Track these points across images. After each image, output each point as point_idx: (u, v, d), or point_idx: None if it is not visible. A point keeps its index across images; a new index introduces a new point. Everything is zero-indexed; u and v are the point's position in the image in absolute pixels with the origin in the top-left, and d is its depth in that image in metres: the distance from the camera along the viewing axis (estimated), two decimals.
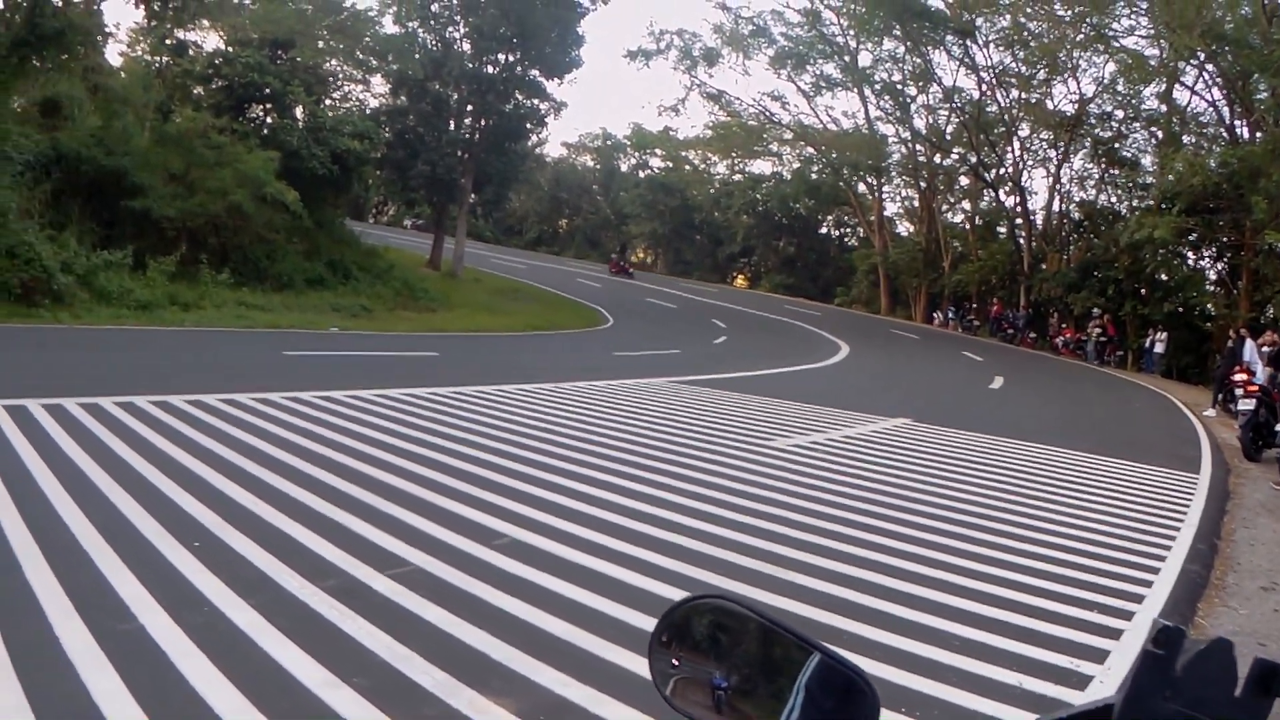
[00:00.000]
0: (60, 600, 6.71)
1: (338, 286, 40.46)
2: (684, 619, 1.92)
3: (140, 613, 6.66)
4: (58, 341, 23.29)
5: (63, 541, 8.05)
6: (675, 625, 1.91)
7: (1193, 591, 10.48)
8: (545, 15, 54.52)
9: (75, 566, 7.43)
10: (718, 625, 1.88)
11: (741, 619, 1.82)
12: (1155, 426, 29.66)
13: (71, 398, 14.48)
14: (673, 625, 1.91)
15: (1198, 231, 53.58)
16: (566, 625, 7.17)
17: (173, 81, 41.31)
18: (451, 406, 17.42)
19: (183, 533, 8.54)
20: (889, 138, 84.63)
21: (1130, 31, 59.68)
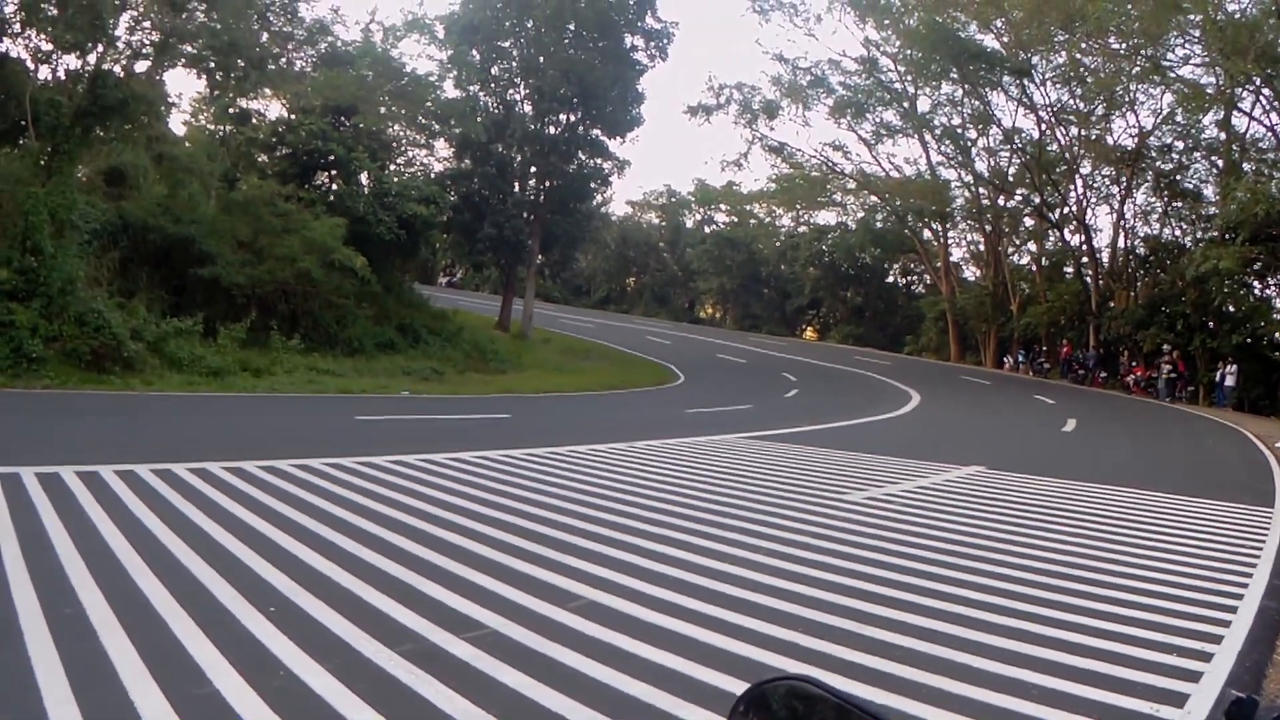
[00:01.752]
0: (136, 665, 6.72)
1: (408, 350, 40.71)
2: (763, 697, 1.89)
3: (216, 677, 6.65)
4: (129, 408, 23.58)
5: (138, 606, 8.06)
6: (754, 702, 1.90)
7: (1271, 629, 10.28)
8: (604, 74, 54.96)
9: (151, 631, 7.43)
10: (796, 706, 1.86)
11: (819, 701, 1.81)
12: (1228, 462, 29.35)
13: (144, 464, 14.61)
14: (752, 702, 1.90)
15: (1263, 260, 53.11)
16: (644, 686, 7.11)
17: (237, 150, 41.80)
18: (523, 468, 17.38)
19: (258, 597, 8.55)
20: (951, 182, 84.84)
21: (1185, 61, 59.33)
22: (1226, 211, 53.23)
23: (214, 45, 37.99)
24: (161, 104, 38.79)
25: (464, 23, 54.64)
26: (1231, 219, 51.10)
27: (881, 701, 6.99)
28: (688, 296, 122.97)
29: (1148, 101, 69.00)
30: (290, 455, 16.46)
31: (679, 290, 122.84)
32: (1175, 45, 58.33)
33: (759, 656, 7.96)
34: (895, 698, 7.21)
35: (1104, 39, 60.57)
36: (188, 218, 34.87)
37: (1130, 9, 54.19)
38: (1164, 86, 63.23)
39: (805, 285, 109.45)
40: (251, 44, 40.17)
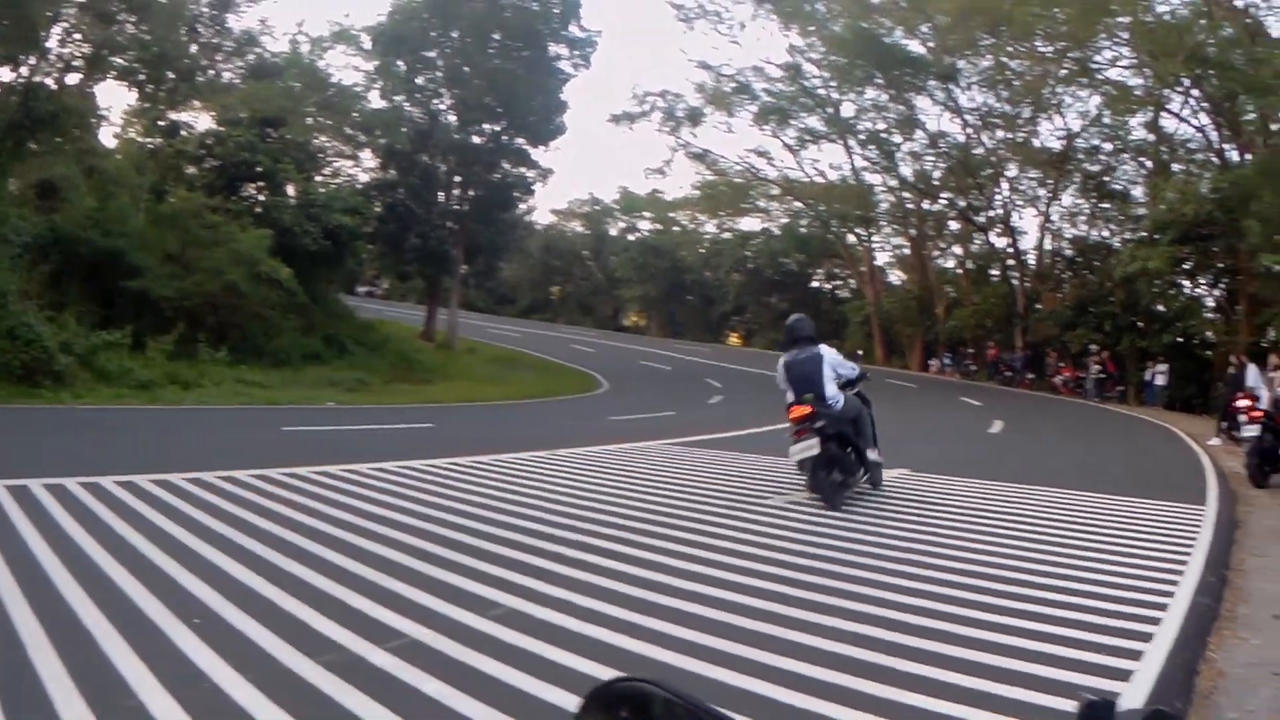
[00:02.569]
0: (63, 679, 6.83)
1: (334, 361, 40.88)
2: (605, 699, 1.87)
3: (141, 690, 6.76)
4: (59, 422, 23.59)
5: (65, 620, 8.17)
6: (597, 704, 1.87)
7: (1203, 625, 10.42)
8: (528, 83, 55.28)
9: (77, 645, 7.54)
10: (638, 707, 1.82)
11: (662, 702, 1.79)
12: (1159, 460, 29.67)
13: (73, 477, 14.67)
14: (595, 704, 1.88)
15: (1192, 260, 54.00)
16: (565, 694, 7.16)
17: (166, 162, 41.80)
18: (447, 478, 17.51)
19: (183, 610, 8.65)
20: (876, 187, 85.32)
21: (1113, 63, 60.24)
22: (1155, 212, 54.04)
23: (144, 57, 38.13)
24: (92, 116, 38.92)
25: (390, 33, 54.77)
26: (1161, 219, 51.76)
27: (803, 706, 7.22)
28: (612, 304, 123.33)
29: (1075, 104, 69.76)
30: (217, 468, 16.55)
31: (603, 298, 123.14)
32: (1103, 48, 59.12)
33: (679, 663, 8.09)
34: (816, 701, 7.35)
35: (1030, 42, 61.24)
36: (118, 230, 34.92)
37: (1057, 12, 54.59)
38: (1091, 89, 64.20)
39: (729, 291, 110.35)
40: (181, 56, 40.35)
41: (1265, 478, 23.13)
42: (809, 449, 16.46)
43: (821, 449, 16.46)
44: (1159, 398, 53.51)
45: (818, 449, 16.43)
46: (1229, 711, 7.92)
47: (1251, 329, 49.31)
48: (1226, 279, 56.11)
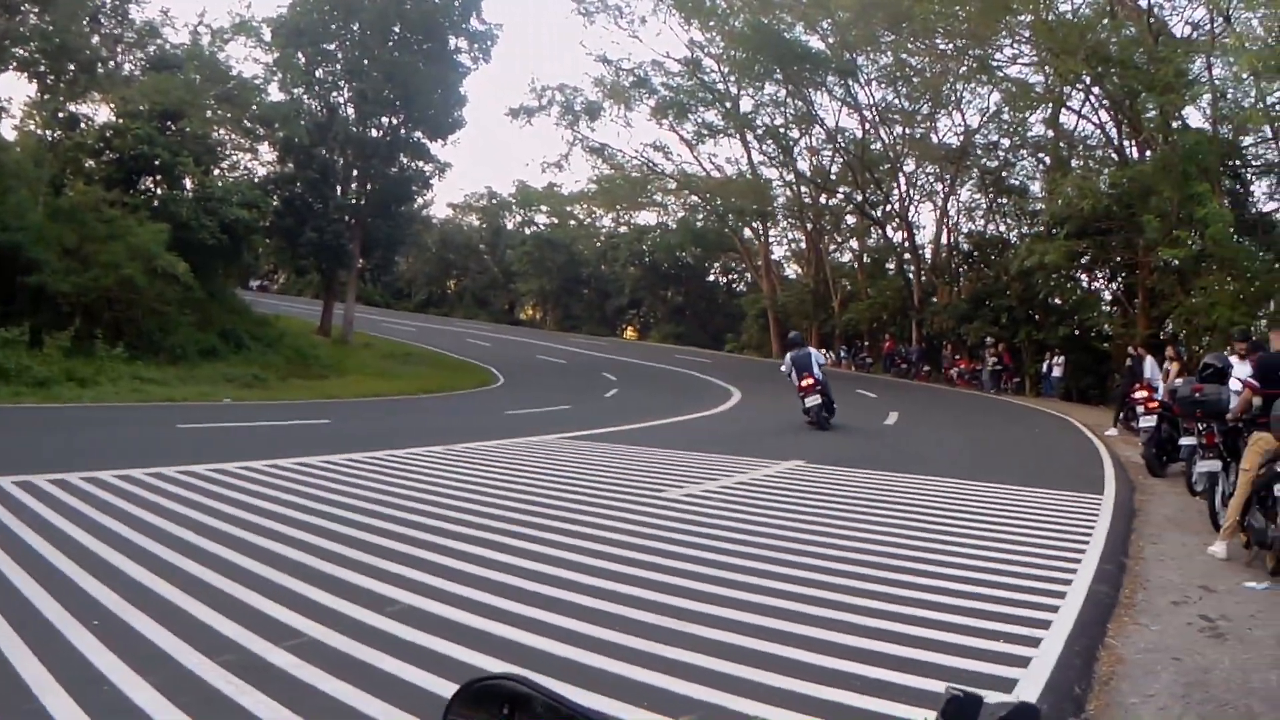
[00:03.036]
0: None
1: (230, 356, 40.54)
2: (473, 697, 1.91)
3: (42, 694, 6.83)
4: None
5: None
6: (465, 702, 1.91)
7: (1101, 612, 10.67)
8: (427, 77, 55.02)
9: None
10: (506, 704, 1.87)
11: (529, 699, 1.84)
12: (1056, 450, 30.08)
13: None
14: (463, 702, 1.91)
15: (1090, 254, 54.46)
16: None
17: (65, 155, 41.32)
18: (343, 474, 17.61)
19: (82, 612, 8.70)
20: (773, 181, 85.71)
21: (1014, 60, 60.62)
22: (1053, 207, 54.32)
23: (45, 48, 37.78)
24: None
25: (290, 25, 54.29)
26: (1058, 214, 52.14)
27: (700, 698, 7.37)
28: (508, 298, 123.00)
29: (974, 100, 69.98)
30: (114, 466, 16.57)
31: (499, 292, 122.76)
32: (1004, 45, 59.37)
33: (580, 658, 8.22)
34: (715, 693, 7.47)
35: (931, 39, 61.51)
36: (15, 225, 34.44)
37: (958, 10, 54.93)
38: (991, 86, 64.66)
39: (626, 285, 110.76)
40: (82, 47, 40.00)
41: (1163, 467, 23.70)
42: (815, 401, 31.38)
43: (821, 400, 31.39)
44: (1056, 389, 54.29)
45: (819, 400, 31.38)
46: (1130, 697, 8.17)
47: (1149, 322, 49.94)
48: (1124, 273, 56.62)
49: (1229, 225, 39.18)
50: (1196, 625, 10.51)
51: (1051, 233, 53.48)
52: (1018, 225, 71.57)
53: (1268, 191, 49.75)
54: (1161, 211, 43.07)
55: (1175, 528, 16.71)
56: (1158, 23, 49.47)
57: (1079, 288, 60.48)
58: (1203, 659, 9.27)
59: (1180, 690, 8.35)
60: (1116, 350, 51.86)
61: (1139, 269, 51.45)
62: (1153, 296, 50.57)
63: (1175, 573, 13.08)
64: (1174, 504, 19.44)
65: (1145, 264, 49.45)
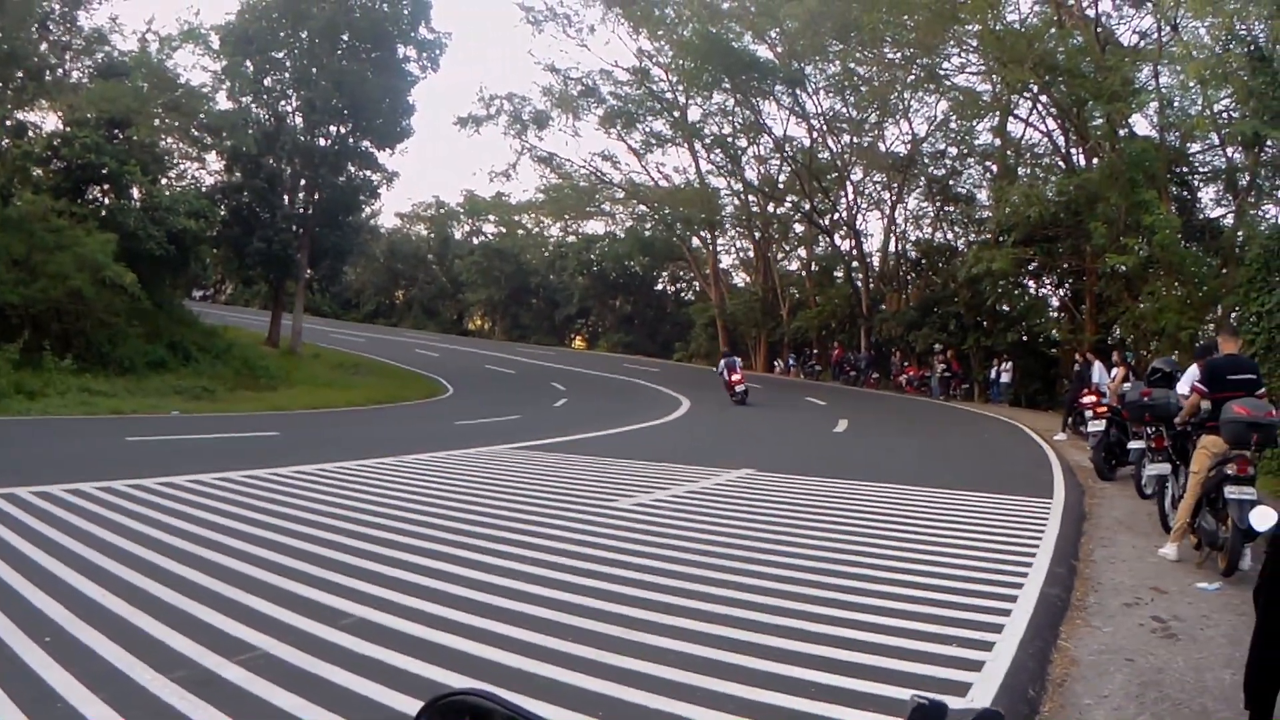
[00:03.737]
0: None
1: (179, 368, 40.31)
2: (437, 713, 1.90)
3: None
4: None
5: None
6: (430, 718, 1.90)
7: (1054, 615, 10.81)
8: (376, 85, 54.95)
9: None
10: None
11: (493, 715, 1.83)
12: (1005, 456, 30.26)
13: None
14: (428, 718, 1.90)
15: (1037, 260, 54.70)
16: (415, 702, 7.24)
17: (13, 164, 41.02)
18: (293, 486, 17.62)
19: (33, 628, 8.69)
20: (721, 190, 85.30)
21: (961, 69, 60.99)
22: (1000, 214, 54.42)
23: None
24: None
25: (239, 32, 54.09)
26: (1005, 221, 52.33)
27: (655, 707, 7.44)
28: (456, 308, 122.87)
29: (921, 109, 70.11)
30: (62, 480, 16.54)
31: (448, 302, 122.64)
32: (951, 54, 59.56)
33: (531, 668, 8.27)
34: (670, 702, 7.55)
35: (879, 49, 61.53)
36: None
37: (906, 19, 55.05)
38: (939, 94, 64.69)
39: (574, 294, 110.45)
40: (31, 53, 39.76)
41: (1111, 470, 24.00)
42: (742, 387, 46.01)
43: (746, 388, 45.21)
44: (1004, 395, 54.71)
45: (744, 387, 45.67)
46: (1085, 698, 8.30)
47: (1096, 327, 50.27)
48: (1072, 279, 56.91)
49: (1176, 231, 39.45)
50: (1149, 626, 10.69)
51: (999, 240, 53.71)
52: (965, 233, 72.13)
53: (1215, 197, 50.00)
54: (1109, 218, 43.22)
55: (1126, 530, 16.92)
56: (1105, 32, 49.81)
57: (1027, 294, 61.08)
58: (1156, 659, 9.45)
59: (1135, 690, 8.50)
60: (1065, 355, 52.21)
61: (1086, 275, 51.69)
62: (1100, 302, 50.88)
63: (1127, 575, 13.27)
64: (1124, 507, 19.65)
65: (1093, 270, 49.66)
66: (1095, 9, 50.15)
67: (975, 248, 59.10)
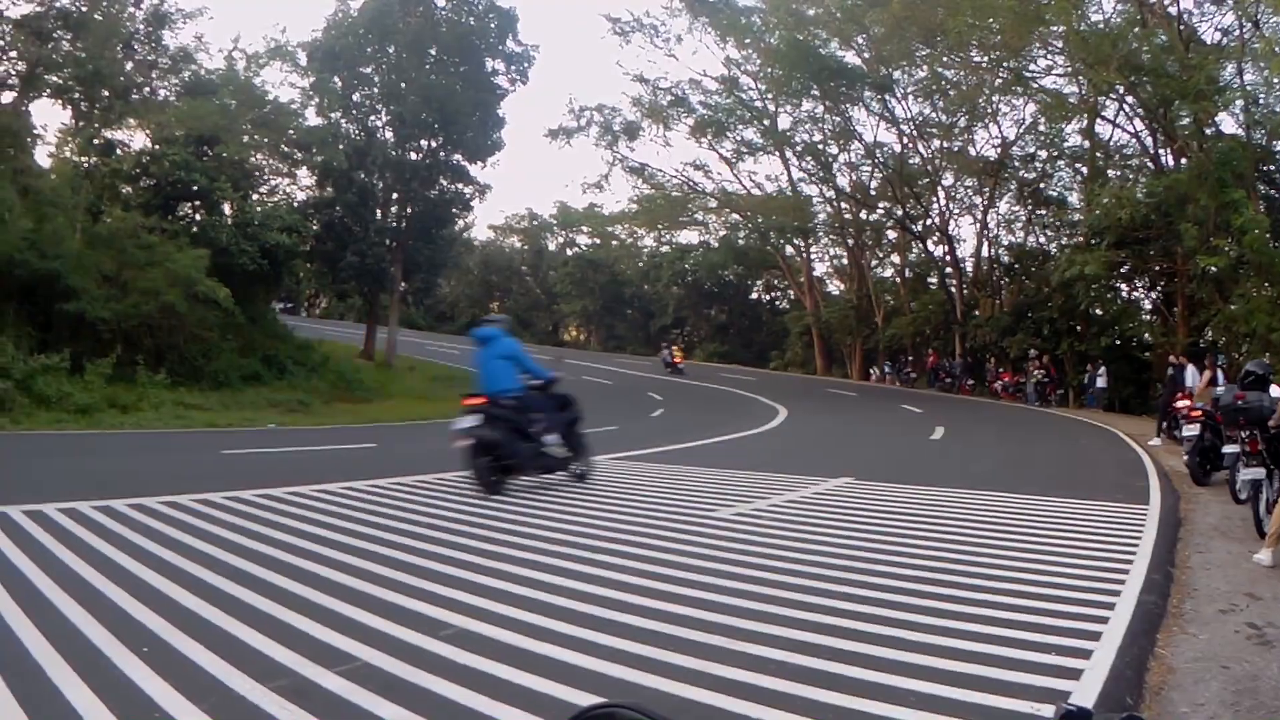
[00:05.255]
0: (14, 711, 6.73)
1: (273, 382, 40.64)
2: None
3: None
4: None
5: (13, 652, 8.06)
6: None
7: (1150, 622, 10.51)
8: (465, 99, 55.07)
9: (26, 677, 7.43)
10: None
11: None
12: (1101, 461, 29.66)
13: (14, 505, 14.53)
14: None
15: (1129, 263, 54.27)
16: (519, 713, 7.12)
17: (102, 182, 41.36)
18: (391, 498, 17.48)
19: (131, 639, 8.52)
20: (813, 198, 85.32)
21: (1048, 71, 60.40)
22: (1091, 217, 54.11)
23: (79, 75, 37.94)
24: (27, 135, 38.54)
25: (326, 49, 54.59)
26: (1096, 224, 51.96)
27: (757, 716, 7.18)
28: (551, 319, 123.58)
29: (1010, 112, 69.69)
30: (158, 492, 16.46)
31: (543, 313, 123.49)
32: (1038, 56, 59.16)
33: (633, 678, 8.04)
34: (772, 711, 7.29)
35: (965, 52, 61.21)
36: (53, 252, 34.41)
37: (991, 22, 54.69)
38: (1026, 97, 64.21)
39: (669, 304, 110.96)
40: (116, 73, 40.14)
41: (1206, 475, 23.33)
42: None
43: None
44: (1099, 400, 54.00)
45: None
46: (1181, 706, 8.00)
47: (1188, 330, 49.80)
48: (1163, 282, 56.57)
49: (1265, 231, 38.94)
50: (1244, 633, 10.38)
51: (1090, 243, 53.35)
52: (1057, 236, 71.73)
53: None
54: (1198, 219, 42.85)
55: (1221, 536, 16.54)
56: (1188, 30, 49.34)
57: (1119, 297, 60.25)
58: (1251, 666, 9.19)
59: (1230, 698, 8.26)
60: (1157, 359, 51.87)
61: (1178, 277, 51.28)
62: (1192, 305, 50.44)
63: (1222, 581, 12.93)
64: (1219, 512, 19.22)
65: (1184, 272, 49.31)
66: (1177, 6, 49.71)
67: (1067, 251, 59.22)
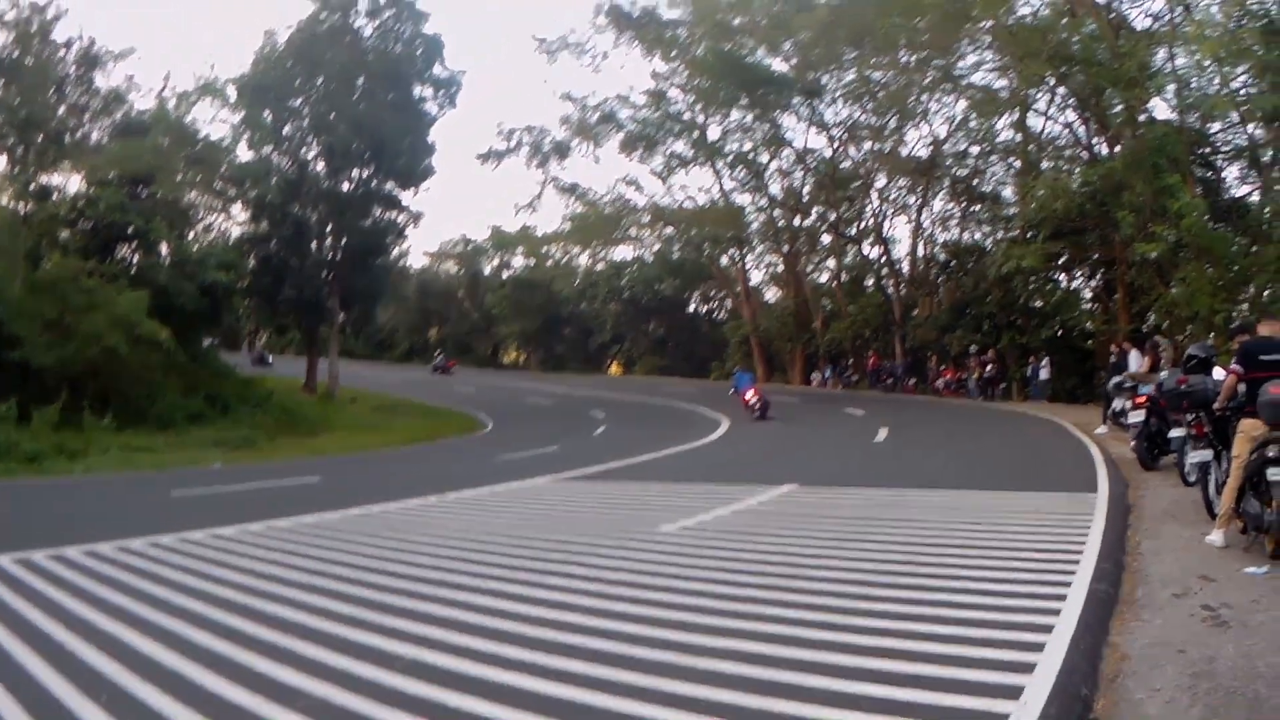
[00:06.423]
0: None
1: (218, 420, 40.62)
2: None
3: None
4: None
5: None
6: None
7: (1103, 611, 10.71)
8: (395, 127, 55.16)
9: None
10: None
11: None
12: (1047, 452, 30.15)
13: None
14: None
15: (1067, 254, 55.12)
16: None
17: (39, 227, 41.31)
18: (337, 531, 17.56)
19: (90, 687, 8.65)
20: (746, 207, 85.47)
21: (977, 67, 60.97)
22: (1027, 210, 54.61)
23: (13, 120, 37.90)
24: None
25: (255, 83, 54.71)
26: (1032, 217, 52.48)
27: None
28: (490, 342, 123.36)
29: (941, 110, 69.87)
30: (110, 537, 16.54)
31: (481, 337, 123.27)
32: (966, 53, 59.76)
33: (586, 699, 8.18)
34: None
35: (894, 53, 61.60)
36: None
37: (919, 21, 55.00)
38: (957, 94, 64.80)
39: (607, 321, 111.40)
40: (49, 117, 40.13)
41: (1154, 460, 23.78)
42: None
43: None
44: (1043, 391, 54.46)
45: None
46: (1137, 693, 8.20)
47: (1130, 316, 50.38)
48: (1103, 270, 57.30)
49: (1203, 214, 39.29)
50: (1199, 616, 10.54)
51: (1027, 236, 54.00)
52: (993, 231, 71.87)
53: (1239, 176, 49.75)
54: (1135, 206, 43.14)
55: (1171, 520, 16.76)
56: (1117, 17, 49.85)
57: (1058, 288, 61.07)
58: (1207, 649, 9.32)
59: (1187, 682, 8.37)
60: (1099, 348, 52.14)
61: (1117, 265, 51.76)
62: (1132, 291, 50.93)
63: (1174, 565, 13.13)
64: (1168, 496, 19.48)
65: (1123, 259, 49.70)
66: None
67: (1004, 246, 59.60)
